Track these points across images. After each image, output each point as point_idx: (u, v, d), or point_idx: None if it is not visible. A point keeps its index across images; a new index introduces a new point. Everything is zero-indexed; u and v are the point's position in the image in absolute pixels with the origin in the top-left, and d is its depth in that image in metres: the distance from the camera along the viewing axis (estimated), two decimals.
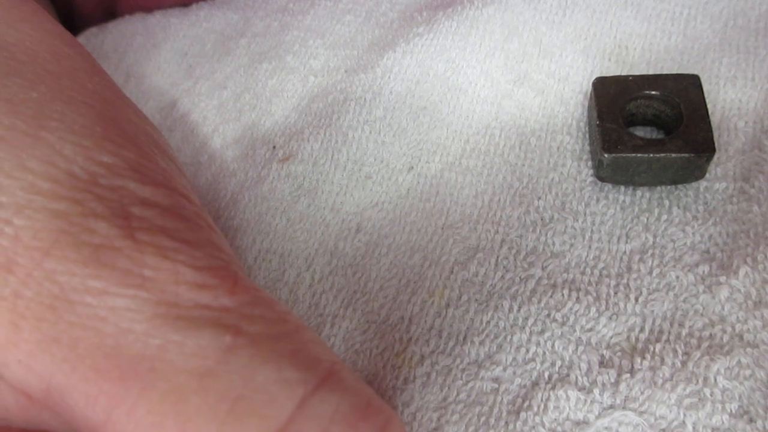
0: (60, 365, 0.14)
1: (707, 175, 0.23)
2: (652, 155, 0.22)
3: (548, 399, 0.20)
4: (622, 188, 0.23)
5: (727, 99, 0.25)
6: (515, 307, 0.21)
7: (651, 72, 0.26)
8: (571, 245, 0.22)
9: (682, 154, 0.22)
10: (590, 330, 0.21)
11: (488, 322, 0.21)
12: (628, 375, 0.20)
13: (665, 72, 0.26)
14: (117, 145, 0.17)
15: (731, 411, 0.19)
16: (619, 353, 0.20)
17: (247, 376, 0.14)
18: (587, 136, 0.25)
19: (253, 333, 0.15)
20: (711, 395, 0.19)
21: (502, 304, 0.21)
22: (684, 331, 0.20)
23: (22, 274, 0.15)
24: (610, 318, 0.21)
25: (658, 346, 0.20)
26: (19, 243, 0.15)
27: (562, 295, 0.21)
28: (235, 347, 0.14)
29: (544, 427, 0.19)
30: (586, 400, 0.19)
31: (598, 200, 0.23)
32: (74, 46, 0.20)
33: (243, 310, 0.15)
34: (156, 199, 0.16)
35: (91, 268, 0.15)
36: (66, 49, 0.19)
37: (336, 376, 0.15)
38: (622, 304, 0.21)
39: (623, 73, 0.26)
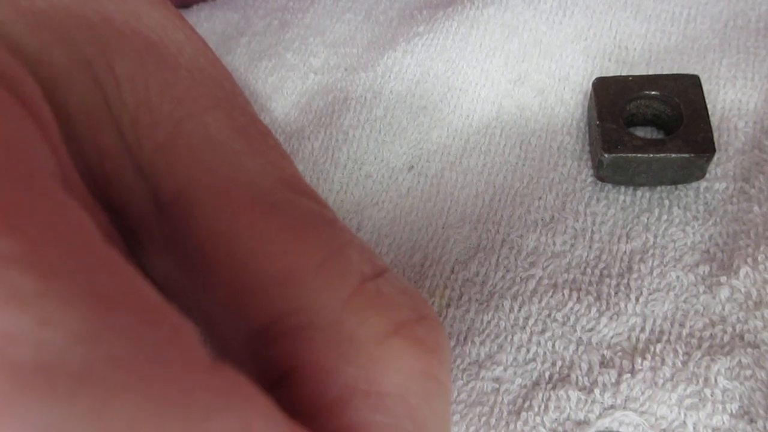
0: None
1: (707, 175, 0.23)
2: (652, 155, 0.22)
3: (549, 399, 0.20)
4: (622, 188, 0.23)
5: (727, 99, 0.25)
6: (516, 307, 0.21)
7: (651, 72, 0.26)
8: (572, 245, 0.22)
9: (682, 154, 0.22)
10: (591, 330, 0.21)
11: (489, 322, 0.21)
12: (629, 375, 0.20)
13: (665, 72, 0.26)
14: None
15: (732, 411, 0.19)
16: (619, 353, 0.20)
17: None
18: (587, 136, 0.25)
19: None
20: (711, 395, 0.19)
21: (502, 304, 0.21)
22: (684, 332, 0.20)
23: None
24: (611, 318, 0.21)
25: (659, 347, 0.20)
26: None
27: (563, 295, 0.21)
28: None
29: (544, 427, 0.19)
30: (586, 400, 0.19)
31: (598, 200, 0.23)
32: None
33: None
34: None
35: None
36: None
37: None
38: (622, 304, 0.21)
39: (623, 73, 0.26)
